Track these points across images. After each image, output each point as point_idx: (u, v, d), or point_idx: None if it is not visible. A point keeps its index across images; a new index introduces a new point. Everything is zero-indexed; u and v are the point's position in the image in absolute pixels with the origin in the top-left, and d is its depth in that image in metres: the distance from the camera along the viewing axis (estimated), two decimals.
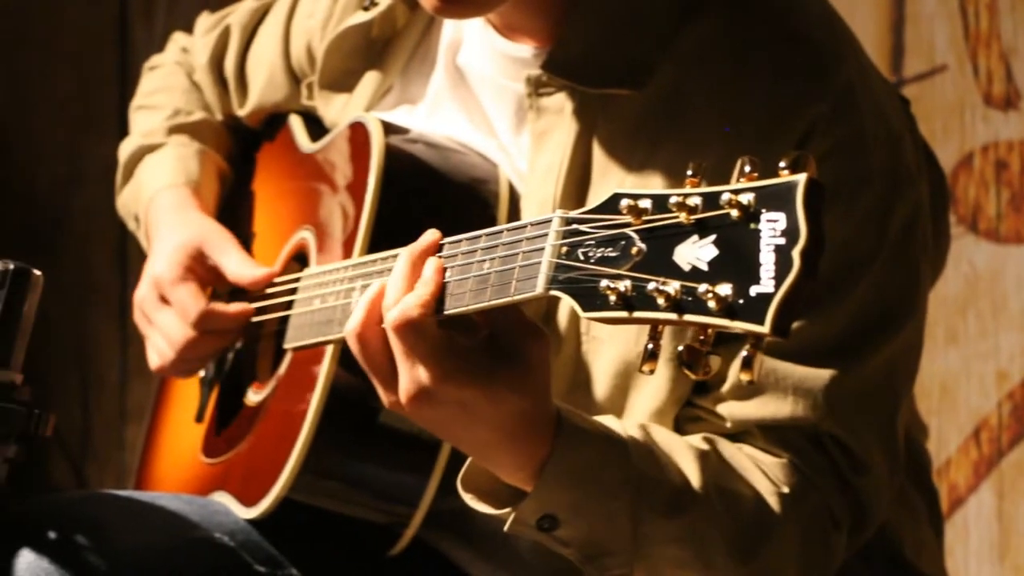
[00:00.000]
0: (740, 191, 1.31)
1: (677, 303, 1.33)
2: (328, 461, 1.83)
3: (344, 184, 1.91)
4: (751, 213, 1.31)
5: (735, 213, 1.31)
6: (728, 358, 1.37)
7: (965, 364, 2.70)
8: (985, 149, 2.71)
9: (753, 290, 1.29)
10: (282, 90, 2.10)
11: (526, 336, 1.51)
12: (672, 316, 1.33)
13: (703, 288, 1.31)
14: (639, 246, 1.36)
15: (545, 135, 1.79)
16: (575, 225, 1.42)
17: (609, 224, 1.39)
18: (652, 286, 1.34)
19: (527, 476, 1.56)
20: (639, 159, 1.74)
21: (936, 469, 2.65)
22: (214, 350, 2.00)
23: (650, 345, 1.38)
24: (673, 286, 1.33)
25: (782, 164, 1.31)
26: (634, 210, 1.37)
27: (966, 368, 2.70)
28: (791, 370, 1.69)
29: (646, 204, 1.37)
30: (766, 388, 1.69)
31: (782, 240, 1.29)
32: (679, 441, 1.66)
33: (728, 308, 1.30)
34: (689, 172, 1.37)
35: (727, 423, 1.71)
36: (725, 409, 1.71)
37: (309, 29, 2.05)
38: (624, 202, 1.38)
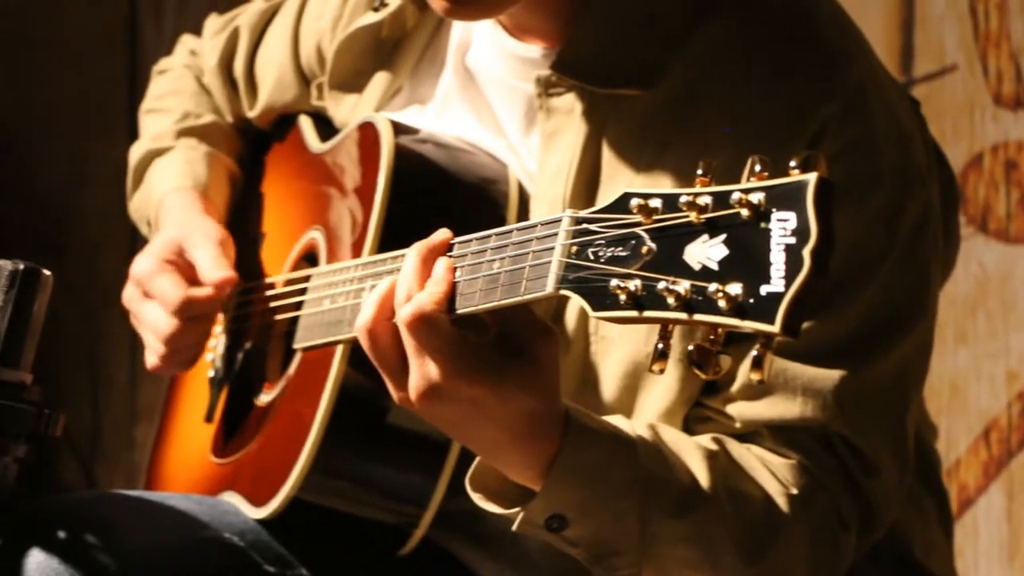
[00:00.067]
0: (750, 190, 1.31)
1: (687, 302, 1.33)
2: (337, 461, 1.83)
3: (354, 184, 1.91)
4: (761, 212, 1.31)
5: (745, 212, 1.31)
6: (738, 358, 1.37)
7: (975, 364, 2.70)
8: (995, 149, 2.71)
9: (763, 289, 1.29)
10: (291, 91, 2.10)
11: (536, 335, 1.51)
12: (682, 315, 1.33)
13: (713, 287, 1.31)
14: (649, 245, 1.36)
15: (555, 135, 1.79)
16: (585, 225, 1.42)
17: (619, 223, 1.39)
18: (662, 285, 1.34)
19: (535, 475, 1.56)
20: (649, 159, 1.74)
21: (946, 469, 2.65)
22: (201, 337, 1.99)
23: (660, 345, 1.38)
24: (683, 285, 1.33)
25: (792, 163, 1.31)
26: (644, 209, 1.37)
27: (976, 368, 2.70)
28: (801, 371, 1.69)
29: (656, 203, 1.37)
30: (776, 388, 1.69)
31: (792, 239, 1.29)
32: (688, 441, 1.66)
33: (738, 307, 1.30)
34: (699, 171, 1.37)
35: (736, 423, 1.71)
36: (734, 409, 1.71)
37: (319, 30, 2.05)
38: (634, 201, 1.38)
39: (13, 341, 1.67)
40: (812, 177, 1.30)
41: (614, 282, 1.37)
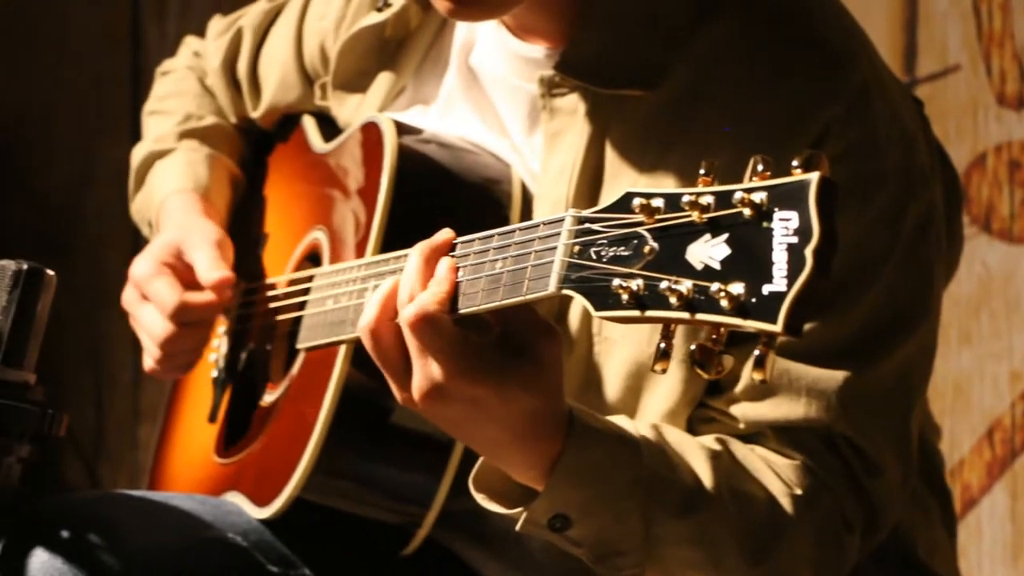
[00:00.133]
0: (753, 190, 1.31)
1: (689, 302, 1.33)
2: (341, 461, 1.83)
3: (357, 184, 1.91)
4: (764, 212, 1.31)
5: (748, 212, 1.31)
6: (741, 358, 1.37)
7: (978, 365, 2.69)
8: (998, 149, 2.71)
9: (766, 289, 1.29)
10: (295, 91, 2.10)
11: (539, 335, 1.51)
12: (684, 315, 1.33)
13: (715, 287, 1.31)
14: (651, 245, 1.36)
15: (558, 136, 1.79)
16: (587, 224, 1.42)
17: (621, 223, 1.39)
18: (664, 285, 1.34)
19: (538, 475, 1.56)
20: (652, 160, 1.74)
21: (949, 470, 2.64)
22: (197, 343, 1.99)
23: (662, 344, 1.38)
24: (685, 285, 1.33)
25: (795, 163, 1.31)
26: (646, 209, 1.37)
27: (979, 369, 2.69)
28: (805, 371, 1.69)
29: (658, 203, 1.37)
30: (779, 389, 1.69)
31: (795, 239, 1.29)
32: (691, 441, 1.66)
33: (741, 307, 1.30)
34: (701, 171, 1.37)
35: (740, 424, 1.71)
36: (738, 410, 1.71)
37: (322, 30, 2.06)
38: (636, 201, 1.38)
39: (17, 341, 1.67)
40: (814, 176, 1.30)
41: (616, 282, 1.37)
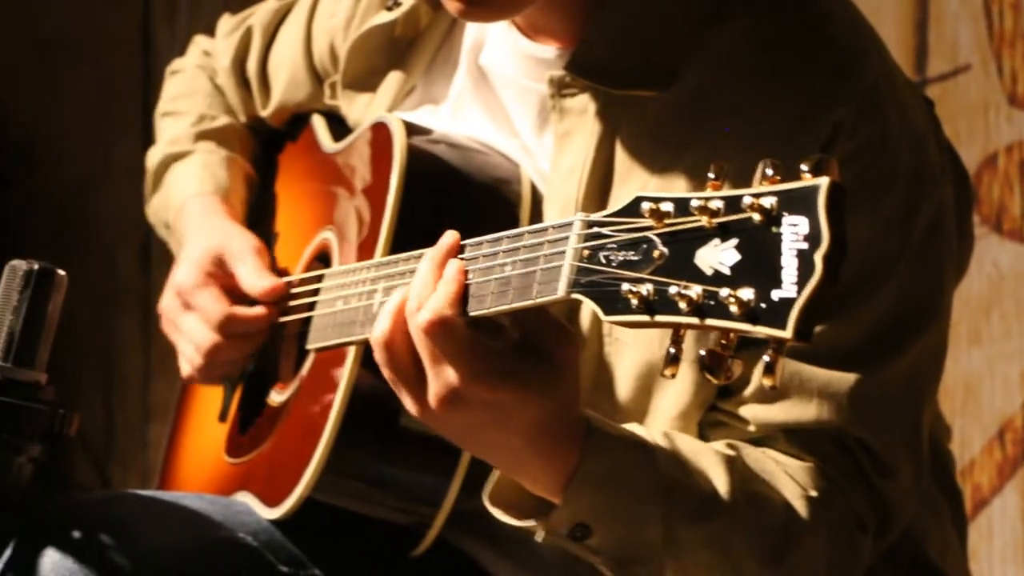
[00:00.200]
0: (762, 195, 1.31)
1: (699, 307, 1.33)
2: (351, 461, 1.83)
3: (366, 184, 1.91)
4: (773, 217, 1.30)
5: (757, 217, 1.31)
6: (751, 362, 1.37)
7: (989, 365, 2.69)
8: (1009, 149, 2.70)
9: (775, 294, 1.29)
10: (304, 89, 2.10)
11: (557, 339, 1.51)
12: (694, 320, 1.33)
13: (725, 292, 1.31)
14: (661, 250, 1.36)
15: (568, 136, 1.79)
16: (597, 228, 1.42)
17: (631, 227, 1.39)
18: (674, 290, 1.34)
19: (556, 486, 1.56)
20: (662, 161, 1.74)
21: (960, 470, 2.63)
22: (242, 354, 2.00)
23: (672, 349, 1.38)
24: (695, 290, 1.33)
25: (804, 167, 1.31)
26: (656, 213, 1.37)
27: (990, 369, 2.69)
28: (816, 373, 1.68)
29: (668, 207, 1.37)
30: (791, 392, 1.68)
31: (804, 244, 1.29)
32: (705, 448, 1.66)
33: (750, 312, 1.30)
34: (711, 175, 1.37)
35: (751, 427, 1.71)
36: (748, 412, 1.71)
37: (331, 28, 2.06)
38: (646, 205, 1.38)
39: (28, 341, 1.68)
40: (824, 182, 1.29)
41: (626, 286, 1.37)
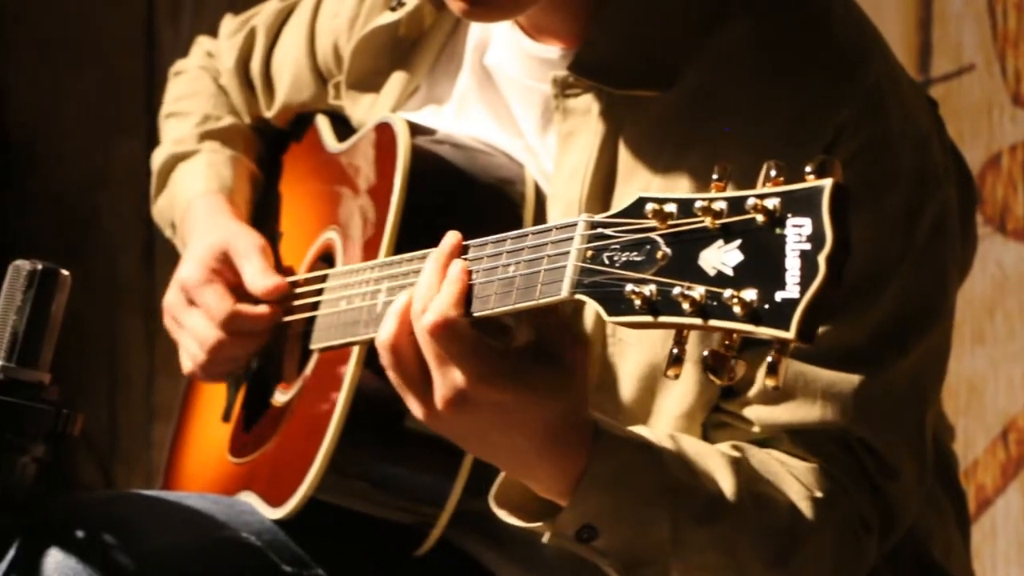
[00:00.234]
0: (765, 196, 1.31)
1: (702, 308, 1.33)
2: (354, 461, 1.83)
3: (370, 185, 1.91)
4: (777, 218, 1.31)
5: (760, 218, 1.31)
6: (755, 362, 1.37)
7: (992, 365, 2.69)
8: (1013, 149, 2.70)
9: (778, 295, 1.29)
10: (308, 90, 2.10)
11: (568, 341, 1.51)
12: (697, 321, 1.33)
13: (728, 293, 1.31)
14: (664, 250, 1.37)
15: (571, 136, 1.79)
16: (600, 229, 1.42)
17: (634, 228, 1.40)
18: (677, 291, 1.34)
19: (563, 488, 1.56)
20: (666, 161, 1.74)
21: (963, 470, 2.63)
22: (245, 352, 2.00)
23: (675, 350, 1.38)
24: (698, 291, 1.33)
25: (808, 169, 1.32)
26: (659, 214, 1.37)
27: (994, 369, 2.69)
28: (820, 374, 1.68)
29: (671, 208, 1.37)
30: (795, 393, 1.68)
31: (808, 245, 1.29)
32: (710, 449, 1.67)
33: (753, 313, 1.30)
34: (715, 176, 1.37)
35: (754, 427, 1.71)
36: (753, 413, 1.71)
37: (335, 28, 2.06)
38: (649, 206, 1.38)
39: (31, 341, 1.68)
40: (827, 183, 1.30)
41: (629, 287, 1.37)
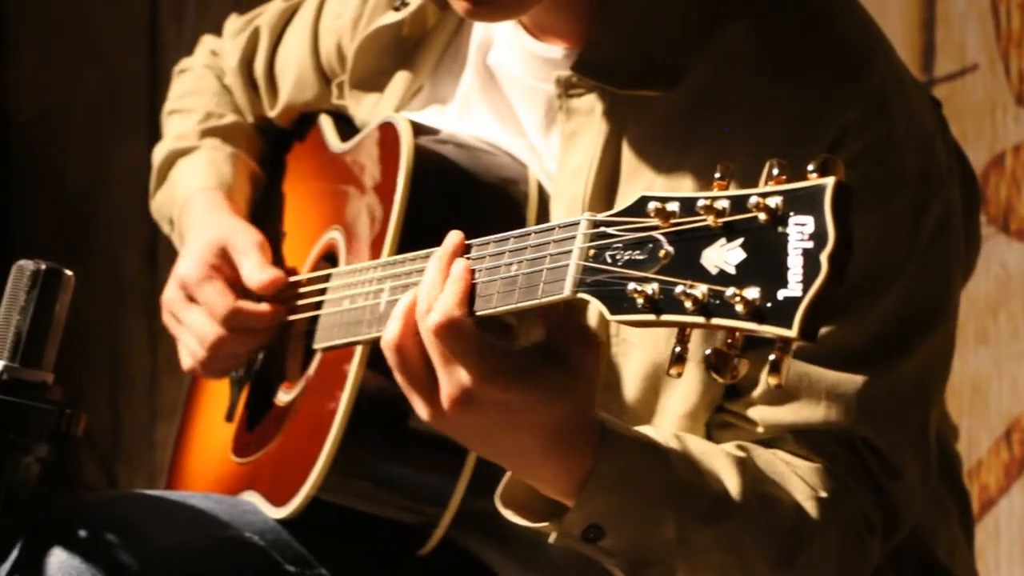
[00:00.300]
0: (768, 194, 1.31)
1: (705, 306, 1.33)
2: (357, 461, 1.84)
3: (373, 184, 1.91)
4: (779, 216, 1.31)
5: (763, 216, 1.31)
6: (758, 362, 1.37)
7: (996, 365, 2.68)
8: (1017, 149, 2.70)
9: (781, 294, 1.29)
10: (312, 89, 2.10)
11: (578, 342, 1.51)
12: (699, 319, 1.33)
13: (731, 291, 1.31)
14: (667, 249, 1.37)
15: (575, 136, 1.79)
16: (603, 228, 1.42)
17: (637, 227, 1.40)
18: (680, 289, 1.34)
19: (569, 489, 1.56)
20: (669, 161, 1.74)
21: (967, 470, 2.63)
22: (246, 348, 2.00)
23: (678, 349, 1.38)
24: (700, 289, 1.33)
25: (810, 167, 1.32)
26: (661, 213, 1.38)
27: (997, 369, 2.69)
28: (824, 374, 1.68)
29: (673, 207, 1.37)
30: (799, 393, 1.68)
31: (810, 244, 1.29)
32: (715, 449, 1.67)
33: (756, 312, 1.30)
34: (717, 175, 1.37)
35: (759, 428, 1.71)
36: (756, 413, 1.71)
37: (338, 28, 2.06)
38: (652, 205, 1.38)
39: (35, 341, 1.68)
40: (830, 181, 1.30)
41: (631, 286, 1.37)
